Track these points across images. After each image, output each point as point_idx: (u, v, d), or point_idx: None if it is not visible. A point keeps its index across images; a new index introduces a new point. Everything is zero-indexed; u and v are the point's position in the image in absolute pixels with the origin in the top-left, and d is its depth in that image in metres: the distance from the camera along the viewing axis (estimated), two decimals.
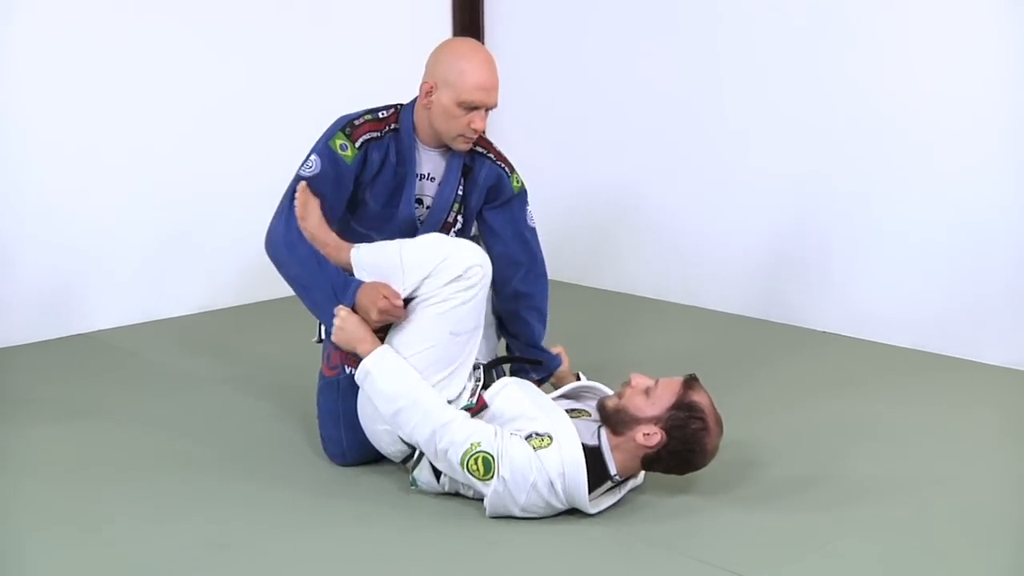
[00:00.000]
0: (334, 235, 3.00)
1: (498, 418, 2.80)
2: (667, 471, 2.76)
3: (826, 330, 4.32)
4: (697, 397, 2.71)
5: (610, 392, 2.91)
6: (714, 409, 2.73)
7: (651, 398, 2.71)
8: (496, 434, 2.71)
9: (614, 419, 2.72)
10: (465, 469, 2.69)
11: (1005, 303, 3.89)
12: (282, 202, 3.05)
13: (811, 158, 4.33)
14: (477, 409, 2.83)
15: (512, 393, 2.88)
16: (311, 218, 2.98)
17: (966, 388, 3.72)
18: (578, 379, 3.18)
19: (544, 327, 3.33)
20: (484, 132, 3.10)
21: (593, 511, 2.71)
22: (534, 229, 3.28)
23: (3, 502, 2.85)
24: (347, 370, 2.99)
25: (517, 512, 2.69)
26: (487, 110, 3.01)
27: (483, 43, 5.15)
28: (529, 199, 3.29)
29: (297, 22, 4.72)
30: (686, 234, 4.75)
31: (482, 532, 2.67)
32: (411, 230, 3.08)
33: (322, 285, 2.94)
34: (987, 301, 3.93)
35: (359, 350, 2.85)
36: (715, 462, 2.98)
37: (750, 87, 4.47)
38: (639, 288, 4.91)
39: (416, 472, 2.85)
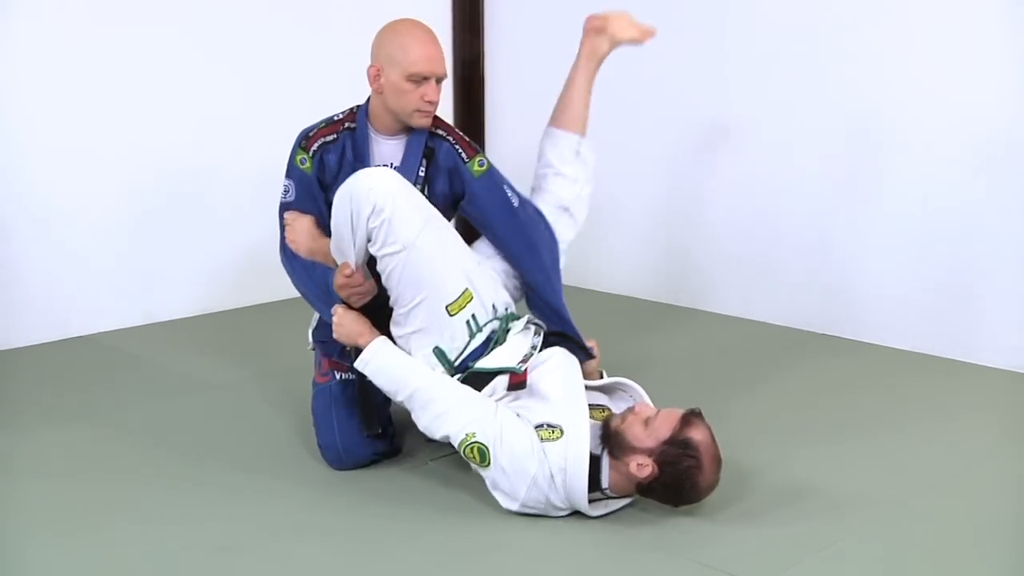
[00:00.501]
0: (328, 242, 3.01)
1: (526, 391, 2.80)
2: (661, 501, 2.72)
3: (825, 332, 4.32)
4: (693, 433, 2.64)
5: (645, 397, 2.91)
6: (712, 446, 2.66)
7: (648, 429, 2.66)
8: (495, 416, 2.72)
9: (612, 442, 2.70)
10: (464, 455, 2.75)
11: (1005, 305, 3.89)
12: (279, 230, 3.14)
13: (810, 159, 4.32)
14: (518, 381, 2.81)
15: (551, 372, 2.84)
16: (300, 239, 3.05)
17: (965, 391, 3.72)
18: (601, 377, 3.13)
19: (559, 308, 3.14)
20: (438, 104, 3.04)
21: (592, 513, 2.71)
22: (521, 204, 3.10)
23: (3, 503, 2.85)
24: (338, 376, 3.03)
25: (521, 498, 2.70)
26: (437, 81, 3.00)
27: (483, 42, 5.17)
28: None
29: (294, 22, 4.71)
30: (680, 233, 4.75)
31: (483, 533, 2.68)
32: None
33: (316, 291, 3.02)
34: (986, 303, 3.93)
35: (359, 343, 2.90)
36: None
37: (751, 86, 4.46)
38: (637, 291, 4.92)
39: None
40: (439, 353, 2.87)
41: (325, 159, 3.05)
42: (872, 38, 4.09)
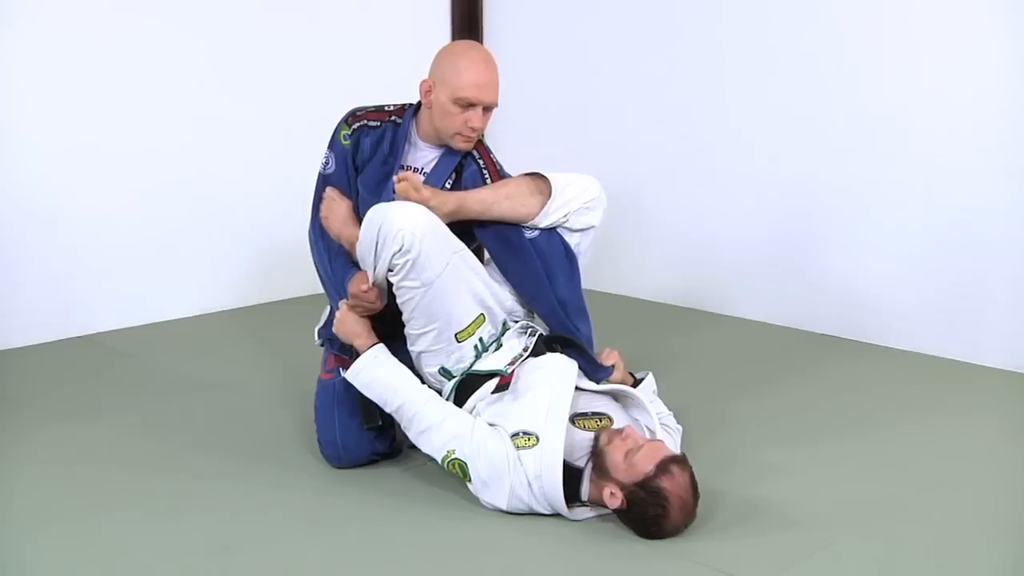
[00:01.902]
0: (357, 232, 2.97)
1: (510, 394, 2.81)
2: (630, 528, 2.67)
3: (825, 333, 4.32)
4: (666, 483, 2.55)
5: (648, 407, 2.87)
6: (683, 497, 2.57)
7: (627, 461, 2.60)
8: (473, 432, 2.74)
9: (596, 460, 2.68)
10: (446, 470, 2.80)
11: (1005, 305, 3.90)
12: (313, 200, 3.16)
13: (811, 160, 4.33)
14: (504, 383, 2.81)
15: (540, 380, 2.81)
16: (333, 219, 3.06)
17: (966, 391, 3.72)
18: (634, 382, 3.07)
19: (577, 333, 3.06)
20: (483, 134, 3.06)
21: (575, 519, 2.72)
22: (539, 234, 2.99)
23: (3, 503, 2.85)
24: (342, 372, 3.03)
25: (504, 507, 2.73)
26: (485, 109, 2.99)
27: (482, 43, 5.17)
28: None
29: (295, 22, 4.72)
30: (686, 236, 4.76)
31: (482, 533, 2.68)
32: None
33: (330, 278, 3.08)
34: (989, 305, 3.93)
35: (356, 344, 2.95)
36: (715, 464, 2.99)
37: (751, 87, 4.47)
38: (638, 291, 4.92)
39: None
40: (444, 372, 2.92)
41: (362, 141, 3.08)
42: (877, 43, 4.10)
